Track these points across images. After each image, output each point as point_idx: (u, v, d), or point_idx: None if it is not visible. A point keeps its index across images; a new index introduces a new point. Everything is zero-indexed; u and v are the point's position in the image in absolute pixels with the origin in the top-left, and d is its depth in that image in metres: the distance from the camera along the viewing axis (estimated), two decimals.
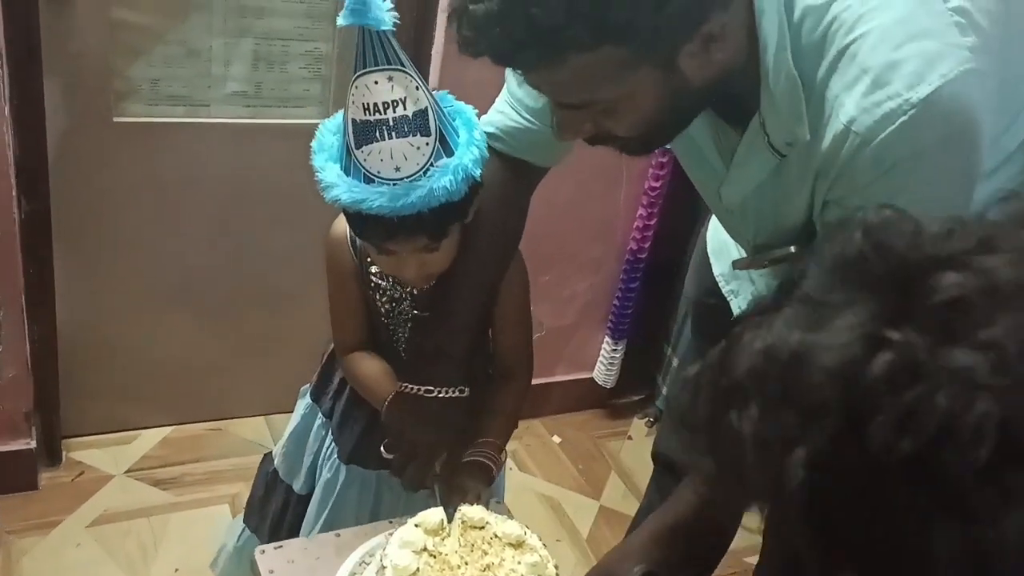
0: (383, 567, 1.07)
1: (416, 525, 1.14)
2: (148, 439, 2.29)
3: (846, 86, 0.92)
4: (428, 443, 1.24)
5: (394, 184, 1.13)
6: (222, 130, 2.05)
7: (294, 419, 1.56)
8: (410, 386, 1.23)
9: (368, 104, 1.12)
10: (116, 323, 2.16)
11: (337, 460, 1.46)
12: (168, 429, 2.32)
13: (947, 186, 0.95)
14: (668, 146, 1.16)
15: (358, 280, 1.33)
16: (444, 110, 1.18)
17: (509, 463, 2.46)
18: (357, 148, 1.14)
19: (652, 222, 2.42)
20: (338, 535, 1.23)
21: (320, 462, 1.50)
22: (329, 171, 1.17)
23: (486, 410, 1.42)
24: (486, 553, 1.13)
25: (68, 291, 2.05)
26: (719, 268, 1.42)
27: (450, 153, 1.16)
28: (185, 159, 2.04)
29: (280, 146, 2.06)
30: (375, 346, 1.37)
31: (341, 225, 1.30)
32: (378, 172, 1.14)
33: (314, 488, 1.53)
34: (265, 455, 1.66)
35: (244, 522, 1.68)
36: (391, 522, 1.22)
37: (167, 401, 2.31)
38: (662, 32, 0.88)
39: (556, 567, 1.14)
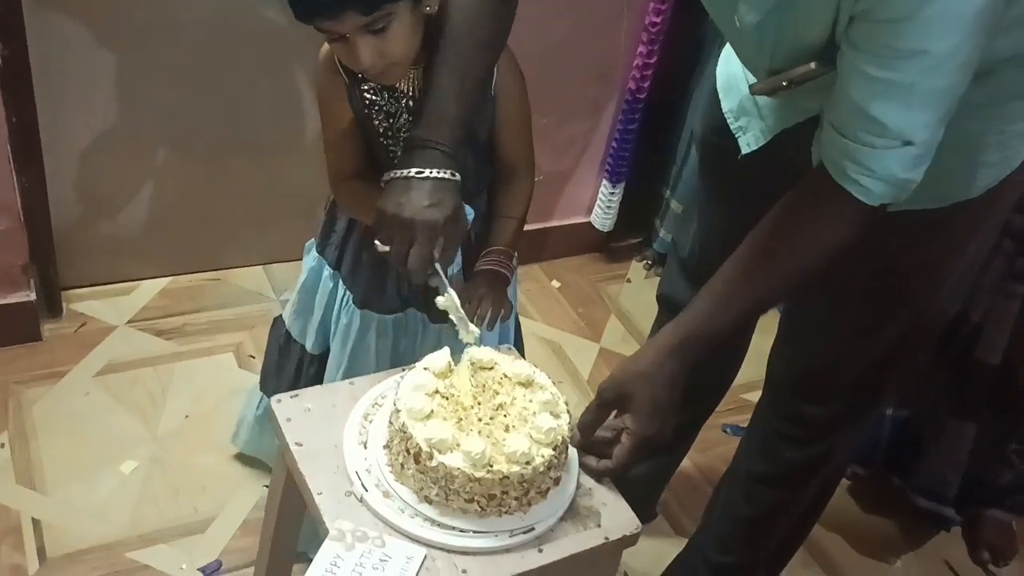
0: (397, 411, 1.08)
1: (424, 368, 1.15)
2: (147, 290, 2.28)
3: None
4: (424, 220, 1.16)
5: None
6: None
7: (302, 276, 1.54)
8: (399, 171, 1.18)
9: None
10: (105, 173, 2.11)
11: (352, 306, 1.45)
12: (166, 280, 2.31)
13: None
14: None
15: (351, 101, 1.31)
16: None
17: None
18: None
19: (652, 60, 2.35)
20: (352, 383, 1.24)
21: (334, 315, 1.49)
22: None
23: (493, 215, 1.43)
24: (497, 393, 1.15)
25: (53, 141, 1.98)
26: (728, 104, 1.38)
27: None
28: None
29: None
30: (375, 174, 1.31)
31: (325, 50, 1.29)
32: None
33: (327, 348, 1.53)
34: (276, 319, 1.65)
35: (261, 390, 1.69)
36: (402, 369, 1.22)
37: (164, 252, 2.29)
38: None
39: (567, 403, 1.16)
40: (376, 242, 1.19)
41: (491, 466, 1.05)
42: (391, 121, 1.32)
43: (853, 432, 1.56)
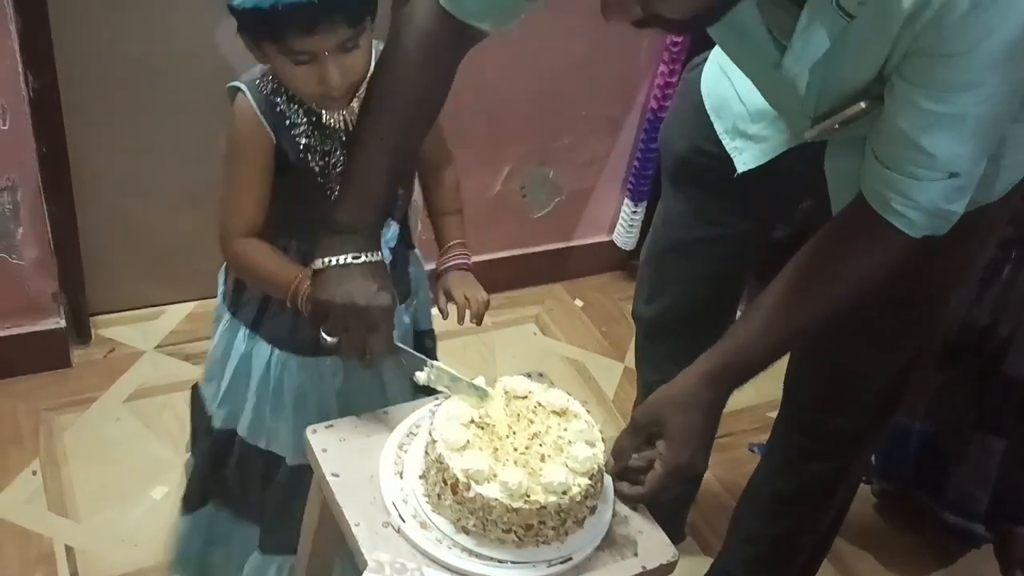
0: (433, 441, 1.09)
1: (460, 397, 1.16)
2: (174, 314, 2.30)
3: None
4: (379, 306, 1.15)
5: None
6: None
7: (217, 348, 1.41)
8: (334, 258, 1.14)
9: None
10: (133, 201, 2.13)
11: (289, 358, 1.36)
12: (192, 304, 2.33)
13: None
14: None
15: (280, 153, 1.24)
16: None
17: (533, 328, 2.50)
18: None
19: (674, 79, 2.35)
20: (386, 412, 1.25)
21: (271, 378, 1.37)
22: None
23: (436, 213, 1.43)
24: (532, 422, 1.15)
25: (82, 171, 2.01)
26: (722, 125, 1.40)
27: None
28: (192, 28, 1.96)
29: None
30: (310, 224, 1.25)
31: (243, 105, 1.23)
32: None
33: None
34: (198, 431, 1.51)
35: (186, 513, 1.53)
36: (435, 398, 1.23)
37: (190, 276, 2.30)
38: None
39: (601, 432, 1.16)
40: (323, 335, 1.18)
41: (528, 496, 1.05)
42: (327, 160, 1.27)
43: (873, 444, 1.56)
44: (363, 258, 1.15)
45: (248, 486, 1.46)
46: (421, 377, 1.19)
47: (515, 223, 2.50)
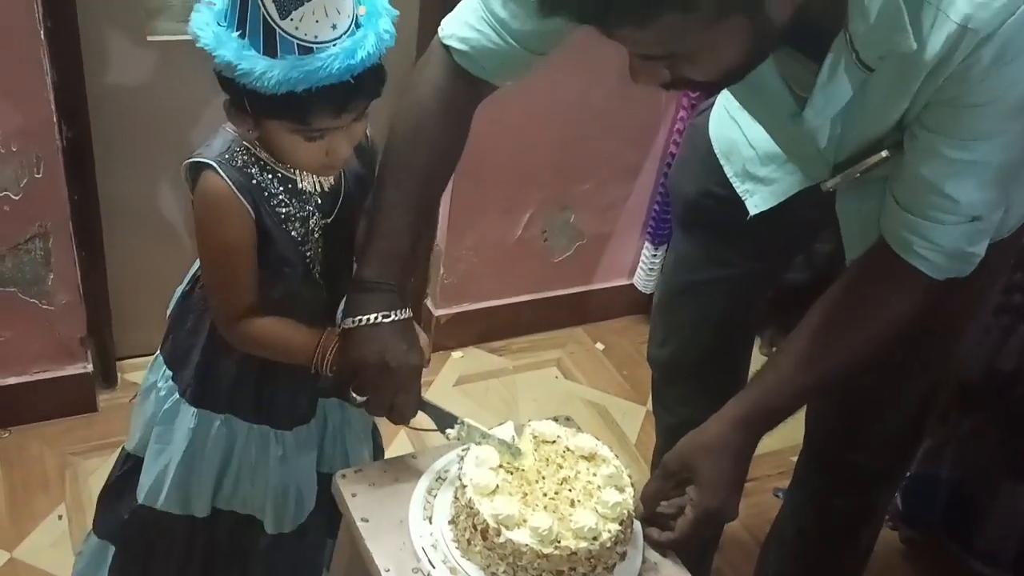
0: (463, 486, 1.09)
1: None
2: None
3: None
4: (410, 366, 1.16)
5: (335, 44, 1.05)
6: None
7: (179, 444, 1.32)
8: (364, 317, 1.14)
9: None
10: (160, 245, 2.16)
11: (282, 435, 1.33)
12: None
13: None
14: None
15: (261, 227, 1.18)
16: None
17: (555, 372, 2.50)
18: (283, 19, 1.03)
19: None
20: (414, 456, 1.25)
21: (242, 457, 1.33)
22: (250, 60, 1.04)
23: None
24: (561, 467, 1.16)
25: (112, 218, 2.05)
26: (732, 168, 1.41)
27: None
28: None
29: None
30: (288, 290, 1.25)
31: (216, 182, 1.15)
32: (315, 36, 1.05)
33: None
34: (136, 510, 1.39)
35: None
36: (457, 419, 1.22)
37: None
38: None
39: (630, 476, 1.16)
40: (353, 394, 1.19)
41: (558, 542, 1.05)
42: (306, 226, 1.22)
43: (894, 483, 1.55)
44: (393, 316, 1.15)
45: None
46: (451, 434, 1.19)
47: (537, 267, 2.52)
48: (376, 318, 1.14)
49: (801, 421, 1.70)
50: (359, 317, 1.15)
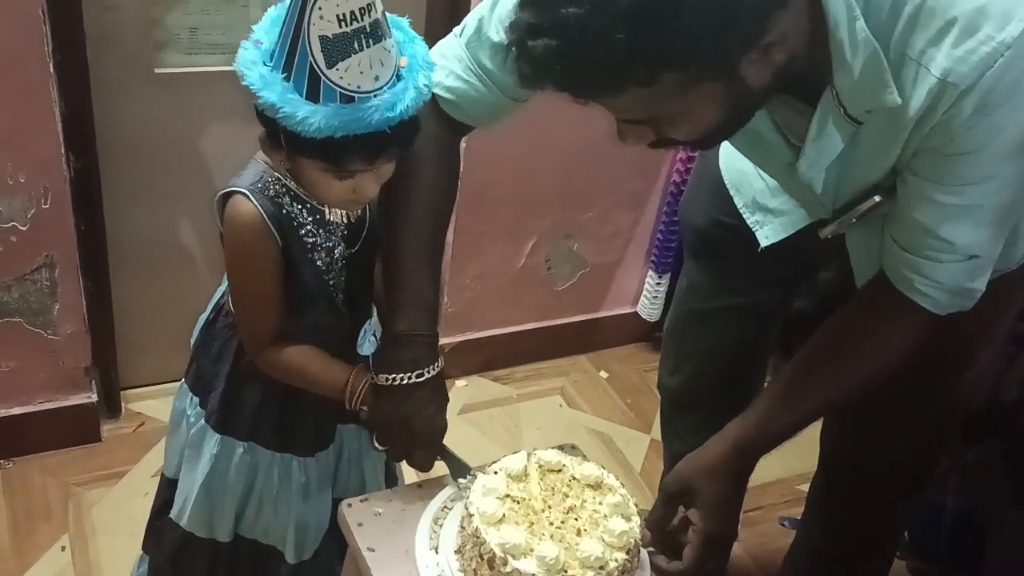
0: (470, 515, 1.09)
1: (496, 472, 1.16)
2: None
3: (931, 41, 0.91)
4: (433, 429, 1.21)
5: (375, 95, 1.07)
6: None
7: (202, 468, 1.36)
8: (397, 377, 1.17)
9: (344, 14, 1.03)
10: (166, 276, 2.17)
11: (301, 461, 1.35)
12: None
13: None
14: None
15: (289, 257, 1.21)
16: None
17: (558, 400, 2.50)
18: (329, 68, 1.05)
19: (695, 154, 2.39)
20: (420, 485, 1.25)
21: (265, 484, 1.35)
22: (293, 104, 1.06)
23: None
24: (567, 496, 1.15)
25: (118, 246, 2.06)
26: (741, 200, 1.43)
27: None
28: (228, 109, 2.02)
29: None
30: (312, 318, 1.27)
31: (248, 209, 1.18)
32: (358, 87, 1.06)
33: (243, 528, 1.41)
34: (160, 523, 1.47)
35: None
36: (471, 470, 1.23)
37: None
38: (724, 52, 0.88)
39: (636, 505, 1.16)
40: (375, 443, 1.24)
41: (565, 571, 1.05)
42: (332, 257, 1.26)
43: (906, 510, 1.55)
44: (426, 374, 1.17)
45: None
46: (463, 483, 1.21)
47: (540, 295, 2.52)
48: (408, 378, 1.17)
49: (807, 447, 1.70)
50: (391, 376, 1.17)
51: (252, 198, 1.18)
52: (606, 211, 2.48)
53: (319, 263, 1.25)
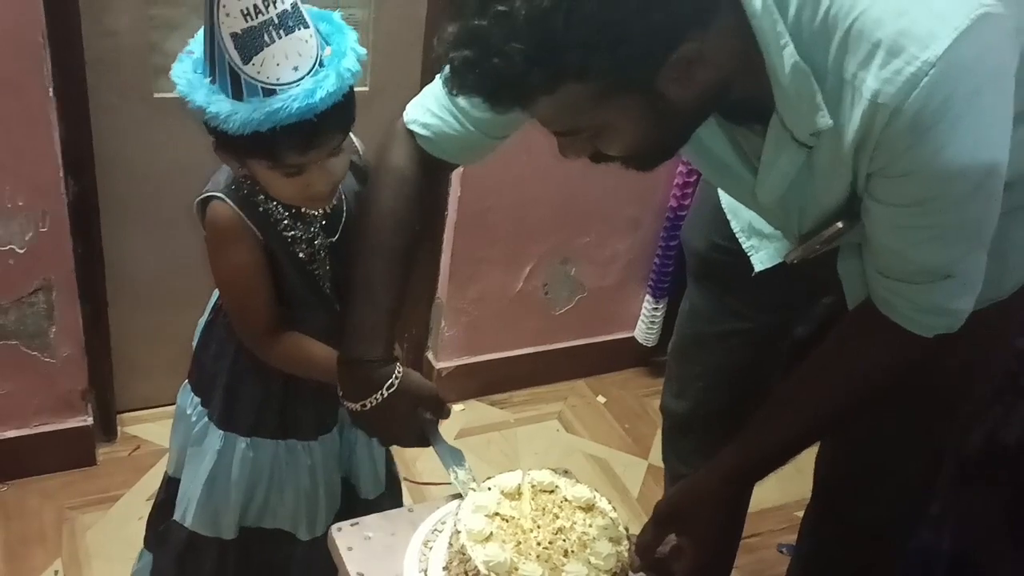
0: (457, 532, 1.09)
1: (490, 488, 1.16)
2: None
3: (861, 64, 0.91)
4: (398, 437, 1.28)
5: (297, 85, 1.10)
6: None
7: (205, 466, 1.39)
8: (359, 404, 1.21)
9: (247, 8, 1.07)
10: (162, 299, 2.17)
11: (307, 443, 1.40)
12: None
13: (986, 133, 0.94)
14: (685, 158, 1.14)
15: (269, 249, 1.26)
16: None
17: (556, 425, 2.49)
18: (246, 64, 1.09)
19: (692, 179, 2.40)
20: (411, 510, 1.25)
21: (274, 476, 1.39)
22: (217, 104, 1.10)
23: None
24: (557, 516, 1.15)
25: (115, 269, 2.07)
26: (738, 224, 1.43)
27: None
28: None
29: None
30: (302, 309, 1.32)
31: (224, 210, 1.23)
32: (277, 79, 1.10)
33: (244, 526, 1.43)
34: (168, 526, 1.48)
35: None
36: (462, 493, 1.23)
37: None
38: (625, 67, 0.89)
39: (627, 529, 1.16)
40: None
41: None
42: (313, 247, 1.30)
43: (905, 536, 1.54)
44: (388, 390, 1.20)
45: None
46: (451, 477, 1.23)
47: (538, 320, 2.52)
48: (375, 400, 1.21)
49: (807, 473, 1.69)
50: (358, 404, 1.21)
51: (228, 200, 1.23)
52: (604, 236, 2.49)
53: (301, 255, 1.29)
